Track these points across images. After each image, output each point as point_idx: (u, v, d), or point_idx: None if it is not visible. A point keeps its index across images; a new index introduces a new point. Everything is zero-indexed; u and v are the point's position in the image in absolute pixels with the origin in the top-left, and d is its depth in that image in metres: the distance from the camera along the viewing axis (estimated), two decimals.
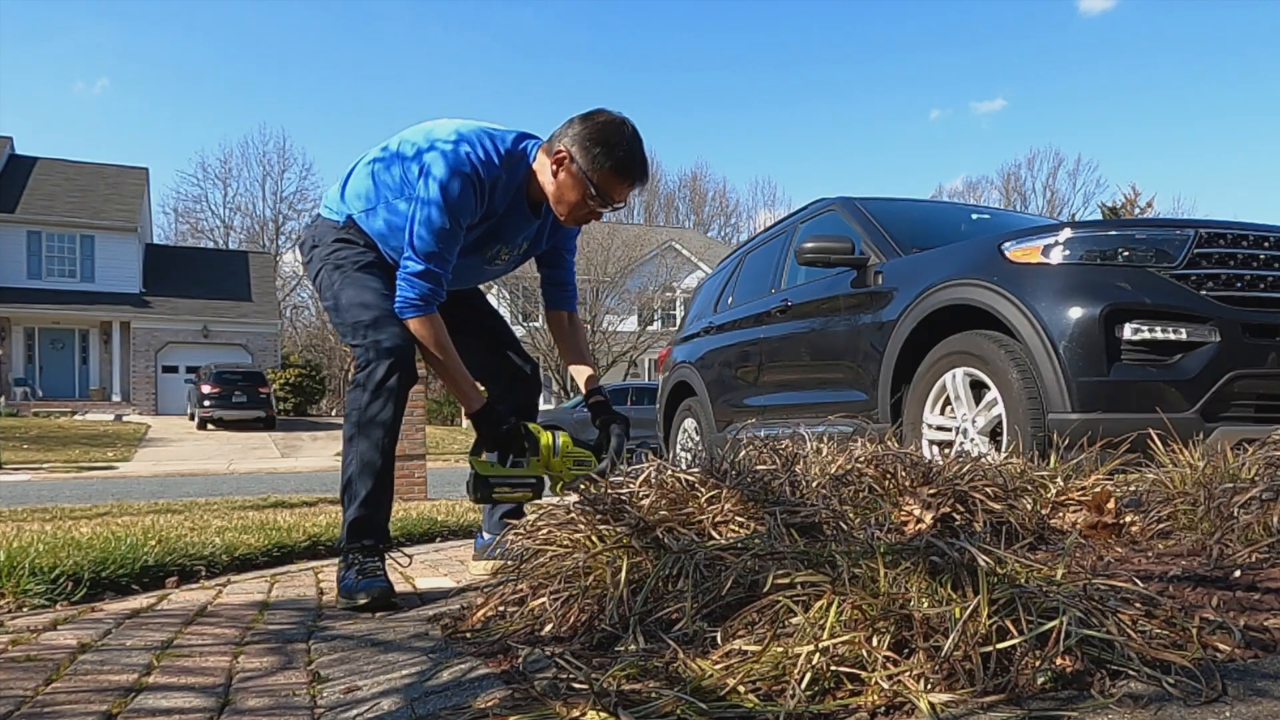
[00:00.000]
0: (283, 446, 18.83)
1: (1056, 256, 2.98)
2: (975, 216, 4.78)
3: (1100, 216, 21.78)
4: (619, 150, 2.03)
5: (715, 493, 1.75)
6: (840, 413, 3.84)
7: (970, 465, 1.97)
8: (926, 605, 1.04)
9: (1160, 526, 1.69)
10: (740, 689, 0.98)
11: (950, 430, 3.26)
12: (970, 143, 65.16)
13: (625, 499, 1.72)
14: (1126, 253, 2.91)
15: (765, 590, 1.18)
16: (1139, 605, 1.08)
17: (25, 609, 2.05)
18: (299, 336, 39.28)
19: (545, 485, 2.25)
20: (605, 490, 1.77)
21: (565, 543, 1.60)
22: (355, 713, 1.19)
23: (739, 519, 1.67)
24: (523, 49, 65.86)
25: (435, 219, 2.02)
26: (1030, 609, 1.00)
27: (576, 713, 0.94)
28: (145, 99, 60.38)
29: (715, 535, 1.61)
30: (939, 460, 2.11)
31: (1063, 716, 0.87)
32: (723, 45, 67.04)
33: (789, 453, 2.10)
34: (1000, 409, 3.00)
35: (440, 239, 2.04)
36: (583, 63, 64.04)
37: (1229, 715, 0.86)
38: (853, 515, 1.73)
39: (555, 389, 28.62)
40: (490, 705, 1.07)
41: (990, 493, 1.83)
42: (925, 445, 3.30)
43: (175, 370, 26.21)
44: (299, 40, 61.42)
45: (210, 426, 21.61)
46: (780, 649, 1.02)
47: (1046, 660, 0.95)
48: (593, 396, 2.36)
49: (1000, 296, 3.03)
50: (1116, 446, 2.16)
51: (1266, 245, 2.94)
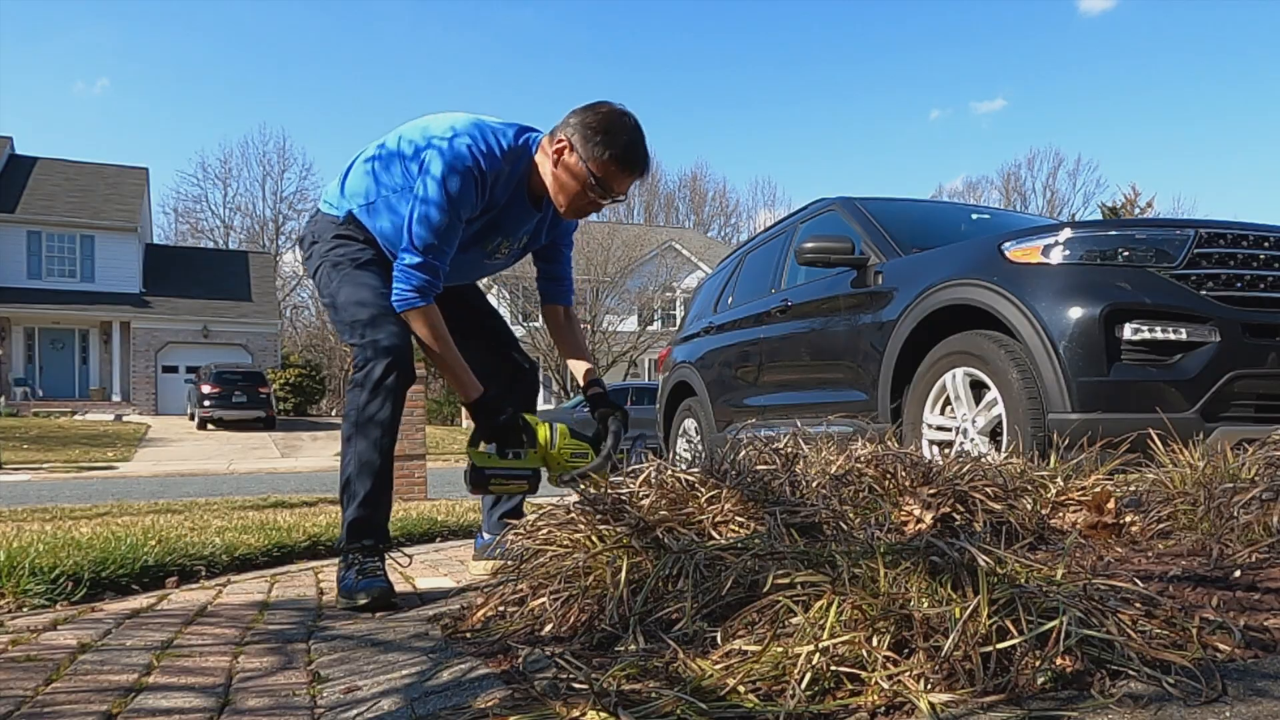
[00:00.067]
0: (283, 446, 18.83)
1: (1056, 256, 2.98)
2: (975, 216, 4.78)
3: (1100, 216, 21.78)
4: (620, 140, 2.02)
5: (715, 493, 1.75)
6: (840, 413, 3.84)
7: (970, 465, 1.97)
8: (926, 605, 1.04)
9: (1160, 526, 1.69)
10: (740, 689, 0.98)
11: (950, 430, 3.26)
12: (970, 143, 65.27)
13: (625, 499, 1.72)
14: (1126, 253, 2.91)
15: (765, 590, 1.18)
16: (1139, 605, 1.08)
17: (25, 609, 2.05)
18: (299, 336, 39.28)
19: (542, 477, 2.25)
20: (605, 490, 1.77)
21: (565, 543, 1.60)
22: (355, 713, 1.19)
23: (739, 519, 1.67)
24: (523, 49, 65.94)
25: (434, 212, 2.01)
26: (1030, 609, 1.00)
27: (576, 713, 0.94)
28: (145, 99, 60.49)
29: (715, 535, 1.61)
30: (939, 460, 2.11)
31: (1063, 716, 0.87)
32: (723, 45, 67.12)
33: (789, 452, 2.10)
34: (1000, 409, 3.00)
35: (438, 232, 2.03)
36: (583, 63, 64.05)
37: (1229, 715, 0.86)
38: (853, 515, 1.73)
39: (555, 389, 28.63)
40: (490, 705, 1.07)
41: (990, 493, 1.83)
42: (925, 445, 3.30)
43: (175, 370, 26.22)
44: (299, 40, 61.52)
45: (210, 426, 21.61)
46: (780, 649, 1.02)
47: (1046, 660, 0.95)
48: (591, 388, 2.36)
49: (1000, 296, 3.03)
50: (1116, 446, 2.16)
51: (1266, 245, 2.94)
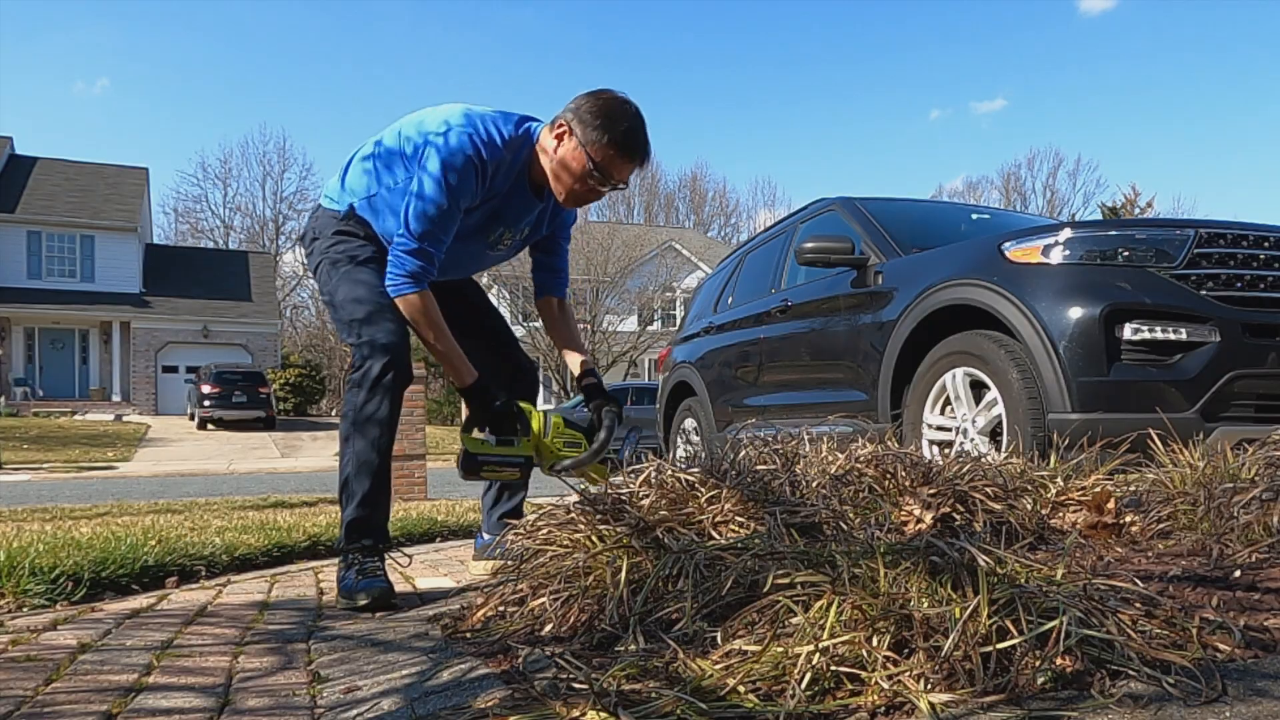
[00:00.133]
0: (283, 446, 18.83)
1: (1056, 256, 2.98)
2: (975, 216, 4.78)
3: (1100, 216, 21.78)
4: (620, 126, 2.01)
5: (715, 493, 1.75)
6: (840, 413, 3.84)
7: (970, 465, 1.97)
8: (926, 605, 1.04)
9: (1160, 526, 1.69)
10: (740, 689, 0.98)
11: (950, 430, 3.26)
12: (970, 143, 65.28)
13: (625, 499, 1.72)
14: (1126, 253, 2.91)
15: (765, 590, 1.18)
16: (1139, 605, 1.08)
17: (25, 609, 2.05)
18: (299, 336, 39.28)
19: (534, 465, 2.23)
20: (605, 489, 1.77)
21: (565, 543, 1.60)
22: (355, 713, 1.19)
23: (739, 519, 1.67)
24: (523, 49, 65.94)
25: (432, 199, 2.00)
26: (1030, 609, 1.00)
27: (576, 713, 0.94)
28: (145, 99, 60.50)
29: (715, 535, 1.61)
30: (939, 460, 2.11)
31: (1063, 716, 0.87)
32: (723, 45, 67.14)
33: (789, 452, 2.10)
34: (1000, 409, 3.00)
35: (436, 219, 2.02)
36: (583, 63, 64.00)
37: (1229, 715, 0.86)
38: (853, 515, 1.73)
39: (555, 389, 28.63)
40: (490, 705, 1.07)
41: (990, 493, 1.83)
42: (925, 445, 3.30)
43: (175, 370, 26.22)
44: (299, 40, 61.54)
45: (210, 426, 21.61)
46: (780, 649, 1.02)
47: (1046, 660, 0.95)
48: (585, 379, 2.35)
49: (1000, 296, 3.03)
50: (1116, 446, 2.16)
51: (1266, 245, 2.94)
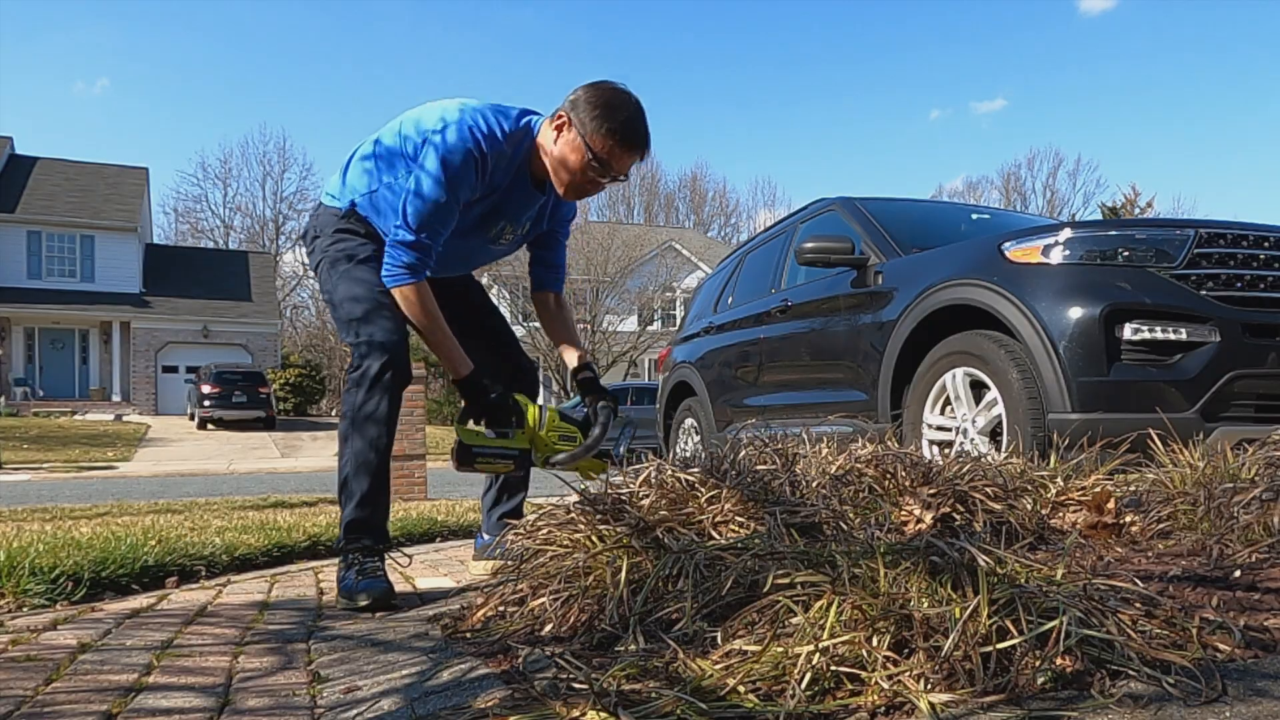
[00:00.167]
0: (283, 446, 18.83)
1: (1056, 256, 2.98)
2: (975, 216, 4.78)
3: (1100, 216, 21.78)
4: (619, 116, 1.99)
5: (715, 493, 1.75)
6: (840, 413, 3.84)
7: (970, 465, 1.97)
8: (926, 605, 1.04)
9: (1160, 526, 1.69)
10: (740, 689, 0.98)
11: (950, 430, 3.26)
12: (970, 143, 65.26)
13: (625, 499, 1.72)
14: (1126, 253, 2.91)
15: (765, 590, 1.18)
16: (1139, 605, 1.08)
17: (25, 609, 2.05)
18: (299, 336, 39.28)
19: (529, 458, 2.23)
20: (605, 490, 1.77)
21: (565, 543, 1.60)
22: (355, 713, 1.19)
23: (739, 519, 1.67)
24: (523, 49, 65.92)
25: (432, 191, 1.99)
26: (1030, 609, 1.00)
27: (576, 713, 0.94)
28: (145, 99, 60.49)
29: (715, 535, 1.61)
30: (939, 460, 2.11)
31: (1063, 716, 0.87)
32: (723, 45, 67.12)
33: (789, 452, 2.10)
34: (1000, 409, 3.00)
35: (434, 212, 2.01)
36: (583, 63, 63.89)
37: (1229, 715, 0.86)
38: (853, 515, 1.73)
39: (555, 389, 28.62)
40: (490, 705, 1.07)
41: (990, 493, 1.83)
42: (925, 445, 3.30)
43: (175, 370, 26.22)
44: (299, 40, 61.52)
45: (210, 426, 21.61)
46: (780, 649, 1.02)
47: (1046, 660, 0.95)
48: (581, 373, 2.35)
49: (1000, 296, 3.03)
50: (1116, 446, 2.16)
51: (1266, 245, 2.94)
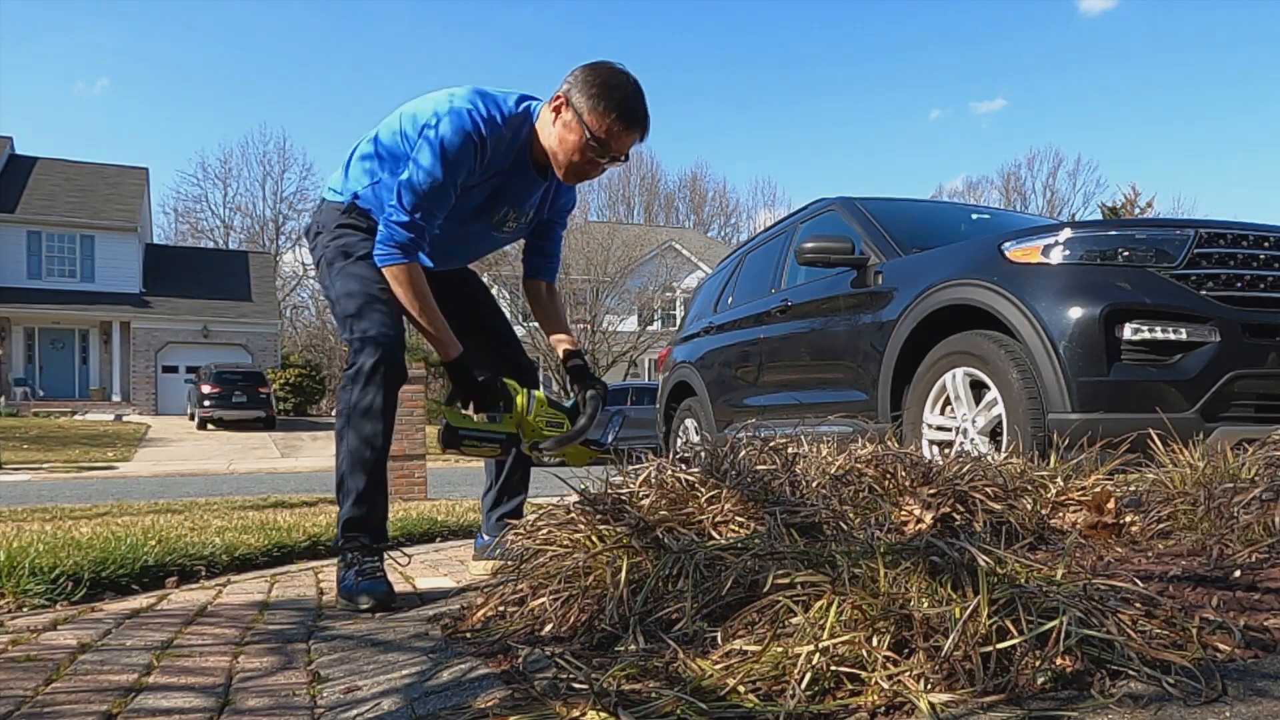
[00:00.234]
0: (283, 446, 18.83)
1: (1056, 256, 2.98)
2: (975, 216, 4.78)
3: (1100, 216, 21.78)
4: (617, 94, 1.98)
5: (715, 493, 1.75)
6: (840, 413, 3.84)
7: (970, 465, 1.97)
8: (926, 605, 1.04)
9: (1160, 526, 1.69)
10: (740, 689, 0.98)
11: (950, 430, 3.26)
12: (970, 143, 65.24)
13: (625, 499, 1.72)
14: (1126, 253, 2.91)
15: (765, 590, 1.18)
16: (1139, 605, 1.07)
17: (25, 609, 2.05)
18: (299, 336, 39.27)
19: (516, 442, 2.22)
20: (605, 489, 1.77)
21: (565, 543, 1.60)
22: (355, 713, 1.19)
23: (739, 519, 1.67)
24: (523, 49, 65.81)
25: (428, 171, 1.99)
26: (1030, 609, 1.00)
27: (576, 713, 0.94)
28: (145, 99, 60.47)
29: (715, 535, 1.61)
30: (939, 460, 2.11)
31: (1063, 716, 0.87)
32: (723, 45, 67.08)
33: (789, 452, 2.10)
34: (1000, 409, 3.00)
35: (429, 193, 2.00)
36: (582, 63, 63.95)
37: (1229, 715, 0.86)
38: (853, 515, 1.73)
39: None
40: (490, 705, 1.07)
41: (990, 493, 1.83)
42: (925, 445, 3.30)
43: (175, 370, 26.22)
44: (299, 40, 61.51)
45: (210, 426, 21.61)
46: (780, 649, 1.02)
47: (1046, 660, 0.95)
48: (570, 360, 2.34)
49: (1000, 296, 3.03)
50: (1116, 446, 2.16)
51: (1266, 245, 2.94)
